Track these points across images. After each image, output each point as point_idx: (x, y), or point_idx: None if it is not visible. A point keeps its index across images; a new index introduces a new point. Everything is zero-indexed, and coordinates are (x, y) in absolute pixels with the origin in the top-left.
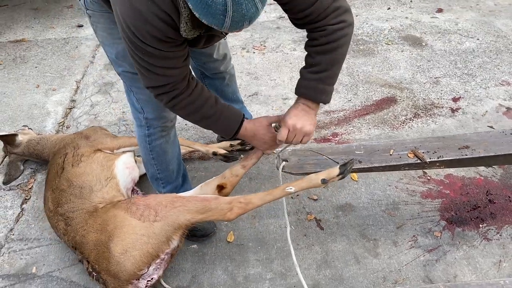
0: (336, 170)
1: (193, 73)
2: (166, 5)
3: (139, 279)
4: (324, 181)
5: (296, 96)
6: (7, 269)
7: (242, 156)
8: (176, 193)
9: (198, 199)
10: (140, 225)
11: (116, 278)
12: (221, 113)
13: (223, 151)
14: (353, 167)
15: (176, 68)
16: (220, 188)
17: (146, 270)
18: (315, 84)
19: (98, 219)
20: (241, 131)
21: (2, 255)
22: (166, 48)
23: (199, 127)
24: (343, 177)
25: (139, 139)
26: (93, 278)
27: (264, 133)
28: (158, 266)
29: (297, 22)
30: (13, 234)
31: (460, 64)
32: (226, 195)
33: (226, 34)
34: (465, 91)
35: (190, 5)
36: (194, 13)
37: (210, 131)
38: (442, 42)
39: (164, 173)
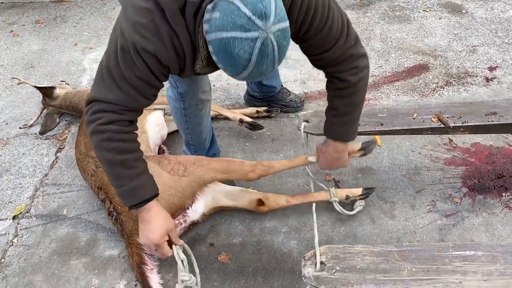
0: (358, 146)
1: None
2: (185, 38)
3: None
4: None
5: None
6: (41, 210)
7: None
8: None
9: (224, 160)
10: (170, 178)
11: (137, 222)
12: (142, 173)
13: (249, 119)
14: (371, 148)
15: (143, 97)
16: (260, 203)
17: None
18: (338, 128)
19: None
20: (146, 206)
21: (37, 197)
22: (157, 72)
23: (225, 88)
24: (362, 153)
25: (173, 110)
26: (112, 217)
27: (156, 230)
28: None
29: (314, 63)
30: (47, 179)
31: (501, 33)
32: (261, 212)
33: None
34: (503, 61)
35: (211, 49)
36: (213, 56)
37: (237, 92)
38: (484, 9)
39: (197, 141)
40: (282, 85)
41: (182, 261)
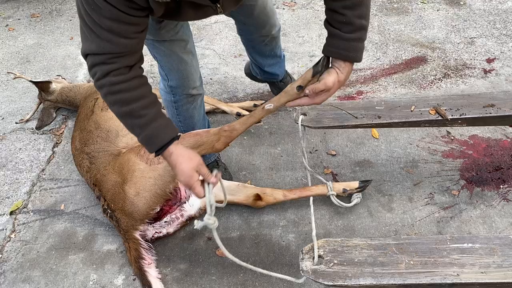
0: (310, 72)
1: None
2: None
3: (150, 224)
4: (299, 88)
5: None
6: (38, 205)
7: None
8: None
9: (191, 134)
10: (148, 169)
11: (131, 217)
12: (154, 119)
13: (246, 113)
14: (325, 64)
15: (124, 38)
16: (257, 198)
17: (158, 208)
18: (356, 44)
19: (118, 162)
20: (165, 152)
21: (34, 192)
22: (123, 7)
23: (223, 81)
24: (318, 77)
25: (165, 103)
26: (107, 215)
27: (183, 173)
28: (171, 222)
29: None
30: (44, 174)
31: (499, 25)
32: (259, 207)
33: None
34: (501, 52)
35: None
36: None
37: (235, 86)
38: (482, 1)
39: (183, 123)
40: (287, 73)
41: (210, 205)
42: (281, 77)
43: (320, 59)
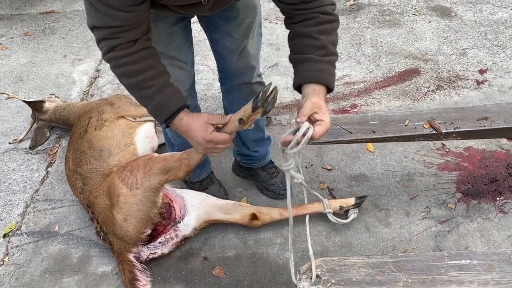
0: (249, 105)
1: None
2: None
3: (144, 246)
4: (241, 121)
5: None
6: (32, 227)
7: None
8: None
9: (160, 159)
10: (129, 194)
11: (122, 241)
12: (161, 90)
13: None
14: (271, 97)
15: (121, 11)
16: (253, 217)
17: (149, 231)
18: (329, 68)
19: (106, 183)
20: (175, 120)
21: (28, 213)
22: None
23: (217, 97)
24: (261, 112)
25: None
26: (100, 237)
27: (197, 130)
28: (165, 243)
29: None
30: (38, 195)
31: (490, 35)
32: (255, 227)
33: None
34: (493, 63)
35: None
36: None
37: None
38: (472, 12)
39: (179, 140)
40: (271, 162)
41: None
42: (263, 163)
43: (258, 93)
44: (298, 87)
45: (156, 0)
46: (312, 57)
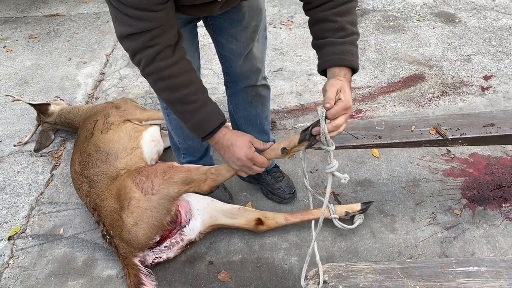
0: (296, 137)
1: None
2: None
3: (150, 250)
4: (284, 150)
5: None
6: (37, 230)
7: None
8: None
9: (183, 169)
10: (143, 199)
11: (129, 245)
12: (204, 105)
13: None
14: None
15: (151, 11)
16: (258, 222)
17: (158, 238)
18: (351, 48)
19: (115, 185)
20: (217, 134)
21: (33, 216)
22: None
23: (222, 101)
24: (305, 145)
25: (161, 109)
26: (106, 241)
27: (241, 146)
28: (171, 247)
29: None
30: (43, 198)
31: (495, 42)
32: (260, 231)
33: None
34: (498, 69)
35: None
36: None
37: None
38: (477, 18)
39: (185, 144)
40: (276, 166)
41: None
42: (268, 168)
43: (308, 126)
44: (323, 72)
45: None
46: (332, 41)
